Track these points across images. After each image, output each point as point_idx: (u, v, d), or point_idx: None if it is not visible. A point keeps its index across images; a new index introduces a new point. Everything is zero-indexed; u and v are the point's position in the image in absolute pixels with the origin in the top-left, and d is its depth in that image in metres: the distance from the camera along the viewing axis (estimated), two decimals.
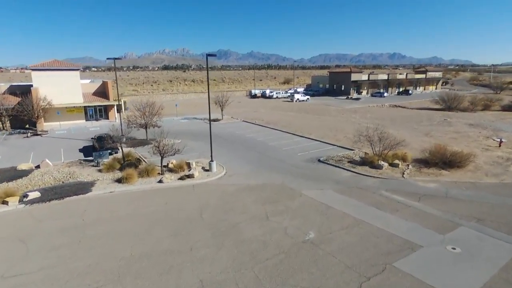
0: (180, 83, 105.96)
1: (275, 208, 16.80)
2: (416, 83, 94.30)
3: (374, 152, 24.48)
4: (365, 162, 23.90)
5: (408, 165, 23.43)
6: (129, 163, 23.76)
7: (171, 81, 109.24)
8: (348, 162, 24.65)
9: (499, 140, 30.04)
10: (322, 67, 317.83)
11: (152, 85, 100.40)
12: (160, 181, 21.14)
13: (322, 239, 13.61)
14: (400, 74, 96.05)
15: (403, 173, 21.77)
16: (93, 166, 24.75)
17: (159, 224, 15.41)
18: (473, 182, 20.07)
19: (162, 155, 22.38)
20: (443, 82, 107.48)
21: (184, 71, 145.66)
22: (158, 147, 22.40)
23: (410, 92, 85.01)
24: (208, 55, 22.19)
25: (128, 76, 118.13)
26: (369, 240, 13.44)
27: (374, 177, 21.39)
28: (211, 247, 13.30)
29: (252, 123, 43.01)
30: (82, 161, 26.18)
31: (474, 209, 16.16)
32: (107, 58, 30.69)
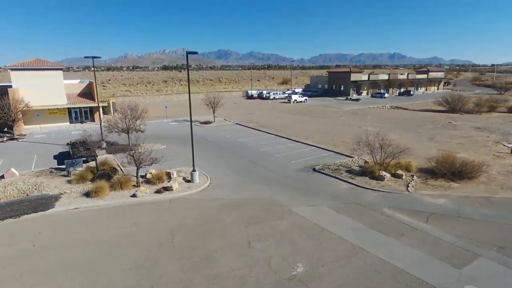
0: (175, 83, 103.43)
1: (260, 231, 14.40)
2: (417, 83, 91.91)
3: (375, 161, 22.09)
4: (364, 172, 21.50)
5: (412, 176, 21.02)
6: (102, 173, 21.35)
7: (166, 81, 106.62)
8: (346, 171, 22.24)
9: (510, 145, 27.67)
10: (322, 67, 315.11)
11: (146, 86, 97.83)
12: (134, 195, 18.74)
13: (312, 275, 11.21)
14: (401, 74, 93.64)
15: (408, 186, 19.36)
16: (64, 176, 22.37)
17: (121, 251, 13.00)
18: (488, 197, 17.66)
19: (137, 165, 19.98)
20: (445, 83, 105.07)
21: (180, 71, 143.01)
22: (133, 156, 20.00)
23: (411, 92, 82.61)
24: (189, 53, 19.82)
25: (122, 76, 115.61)
26: (369, 276, 11.03)
27: (375, 190, 18.99)
28: (177, 284, 10.90)
29: (246, 126, 40.62)
30: (53, 169, 23.78)
31: (493, 233, 13.75)
32: (85, 57, 28.31)
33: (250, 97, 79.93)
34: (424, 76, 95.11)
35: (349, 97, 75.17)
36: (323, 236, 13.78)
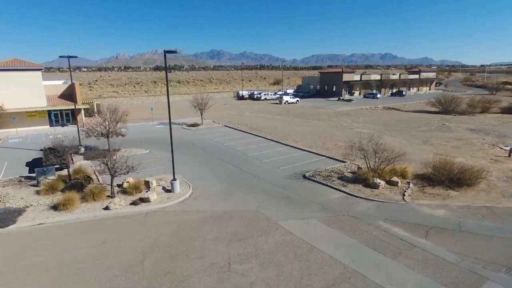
0: (164, 84, 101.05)
1: (243, 250, 12.89)
2: (409, 84, 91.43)
3: (369, 167, 20.77)
4: (358, 178, 20.14)
5: (408, 183, 19.73)
6: (74, 183, 19.64)
7: (155, 82, 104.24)
8: (338, 178, 20.86)
9: (508, 149, 26.64)
10: (314, 68, 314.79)
11: (134, 86, 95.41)
12: (107, 208, 17.08)
13: None
14: (393, 74, 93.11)
15: (404, 195, 18.04)
16: (33, 185, 20.57)
17: (83, 278, 11.36)
18: (489, 206, 16.43)
19: (112, 173, 18.32)
20: (436, 83, 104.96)
21: (170, 72, 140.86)
22: (106, 164, 18.33)
23: (404, 93, 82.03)
24: (167, 52, 18.25)
25: (109, 76, 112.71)
26: None
27: (369, 199, 17.63)
28: None
29: (235, 129, 39.09)
30: (23, 178, 21.96)
31: (500, 250, 12.45)
32: (60, 56, 26.48)
33: (241, 97, 78.49)
34: (416, 76, 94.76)
35: (341, 98, 74.13)
36: (312, 256, 12.33)
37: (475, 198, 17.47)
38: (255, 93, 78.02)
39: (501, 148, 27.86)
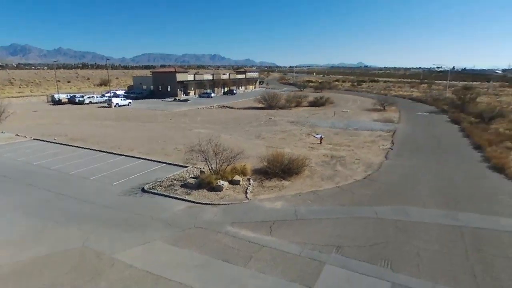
0: None
1: None
2: (238, 83, 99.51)
3: (211, 169, 20.27)
4: (201, 183, 19.28)
5: (249, 179, 20.34)
6: None
7: None
8: (181, 186, 19.45)
9: (319, 137, 31.85)
10: (146, 67, 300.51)
11: None
12: None
13: None
14: (224, 74, 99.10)
15: (246, 192, 18.37)
16: None
17: None
18: (314, 191, 18.70)
19: None
20: (260, 82, 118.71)
21: None
22: None
23: (234, 91, 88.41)
24: None
25: None
26: None
27: (214, 204, 17.01)
28: None
29: (49, 142, 31.56)
30: None
31: (328, 232, 14.01)
32: None
33: (58, 102, 65.45)
34: (243, 76, 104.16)
35: (177, 98, 72.89)
36: None
37: (303, 185, 19.60)
38: (77, 96, 66.77)
39: (314, 136, 33.15)
